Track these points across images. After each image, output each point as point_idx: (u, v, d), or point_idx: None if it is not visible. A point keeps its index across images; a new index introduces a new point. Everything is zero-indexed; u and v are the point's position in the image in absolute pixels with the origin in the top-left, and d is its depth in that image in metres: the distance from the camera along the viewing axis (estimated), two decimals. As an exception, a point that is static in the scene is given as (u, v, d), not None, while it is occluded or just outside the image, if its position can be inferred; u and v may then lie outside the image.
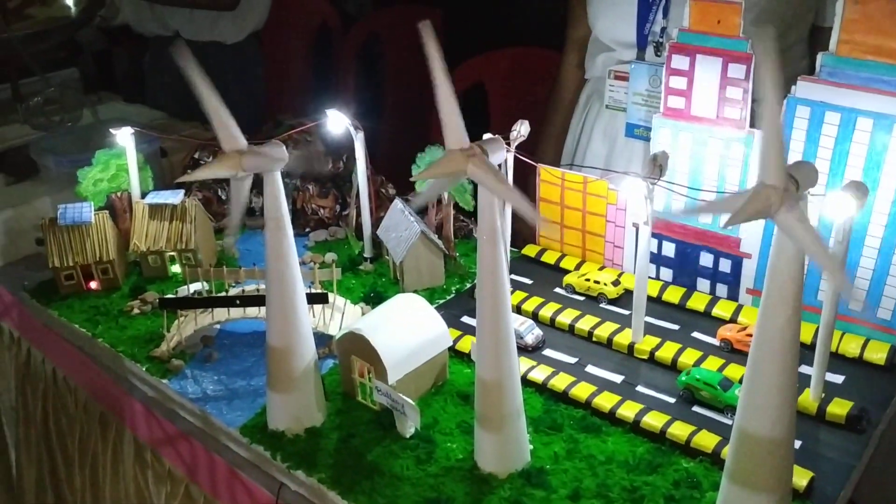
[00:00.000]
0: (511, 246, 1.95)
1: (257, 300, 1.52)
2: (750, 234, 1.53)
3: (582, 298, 1.67)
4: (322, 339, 1.53)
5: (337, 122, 1.73)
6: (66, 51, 2.64)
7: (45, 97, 2.14)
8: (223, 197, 2.06)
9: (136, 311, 1.71)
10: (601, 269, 1.74)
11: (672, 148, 1.57)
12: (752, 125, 1.48)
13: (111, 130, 1.78)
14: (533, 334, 1.52)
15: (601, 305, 1.64)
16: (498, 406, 1.19)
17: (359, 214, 1.91)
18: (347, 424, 1.36)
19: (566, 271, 1.75)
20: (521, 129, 1.54)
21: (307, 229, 2.01)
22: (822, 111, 1.39)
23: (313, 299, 1.53)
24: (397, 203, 1.80)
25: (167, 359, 1.54)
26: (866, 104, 1.34)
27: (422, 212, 1.87)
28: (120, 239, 1.84)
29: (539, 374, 1.41)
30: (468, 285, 1.76)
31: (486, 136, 1.19)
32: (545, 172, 1.75)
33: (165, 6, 2.83)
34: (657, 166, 1.39)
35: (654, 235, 1.66)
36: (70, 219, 1.75)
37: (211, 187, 2.05)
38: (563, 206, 1.77)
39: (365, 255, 1.87)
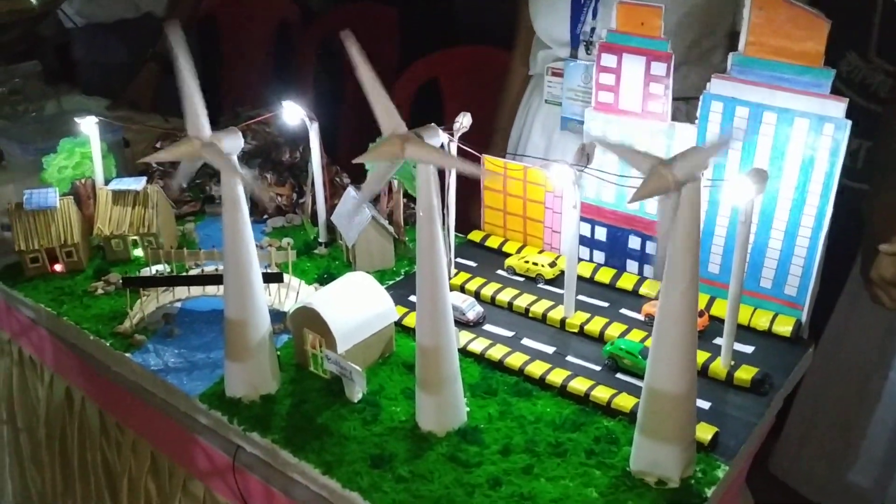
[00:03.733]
0: (457, 231, 2.08)
1: (217, 279, 1.62)
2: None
3: (521, 279, 1.80)
4: (278, 316, 1.63)
5: (292, 113, 1.84)
6: (26, 43, 2.70)
7: (9, 88, 2.22)
8: (184, 185, 2.15)
9: (99, 291, 1.79)
10: (540, 252, 1.87)
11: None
12: (673, 118, 1.62)
13: (76, 119, 1.86)
14: (474, 311, 1.65)
15: (539, 285, 1.77)
16: (436, 370, 1.31)
17: (314, 202, 2.01)
18: (300, 392, 1.47)
19: (508, 255, 1.88)
20: (464, 121, 1.66)
21: (265, 216, 2.11)
22: (734, 106, 1.53)
23: (269, 279, 1.64)
24: (350, 191, 1.91)
25: (130, 334, 1.64)
26: (771, 100, 1.48)
27: (374, 199, 1.99)
28: (84, 224, 1.92)
29: (478, 345, 1.54)
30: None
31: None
32: (489, 162, 1.88)
33: None
34: (585, 155, 1.53)
35: (587, 220, 1.79)
36: (35, 204, 1.83)
37: (171, 174, 2.14)
38: (506, 193, 1.90)
39: (320, 240, 1.98)
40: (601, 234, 1.80)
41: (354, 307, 1.48)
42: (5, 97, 2.23)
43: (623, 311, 1.67)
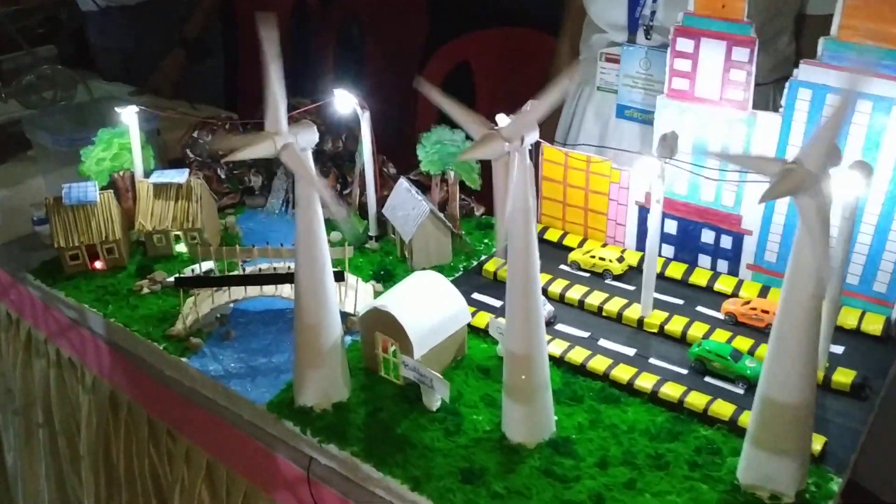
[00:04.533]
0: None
1: (276, 278, 1.54)
2: (751, 212, 1.60)
3: (587, 275, 1.72)
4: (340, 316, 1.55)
5: (344, 101, 1.74)
6: (46, 27, 2.59)
7: (37, 74, 2.11)
8: (222, 176, 2.06)
9: (145, 290, 1.71)
10: (604, 246, 1.79)
11: (676, 128, 1.62)
12: (755, 107, 1.53)
13: (116, 109, 1.77)
14: (546, 309, 1.57)
15: (606, 281, 1.69)
16: (527, 378, 1.23)
17: (362, 193, 1.93)
18: (373, 399, 1.39)
19: (569, 248, 1.80)
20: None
21: (309, 208, 2.03)
22: (824, 94, 1.45)
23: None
24: (403, 182, 1.83)
25: (185, 337, 1.55)
26: (866, 87, 1.40)
27: (425, 190, 1.90)
28: (124, 218, 1.83)
29: (556, 348, 1.46)
30: (475, 263, 1.80)
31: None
32: (548, 151, 1.80)
33: None
34: (668, 146, 1.44)
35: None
36: (75, 198, 1.74)
37: (211, 166, 2.05)
38: (566, 184, 1.81)
39: (370, 234, 1.89)
40: (671, 227, 1.72)
41: (428, 309, 1.40)
42: (32, 85, 2.13)
43: (700, 308, 1.59)
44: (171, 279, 1.72)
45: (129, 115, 1.78)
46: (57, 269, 1.79)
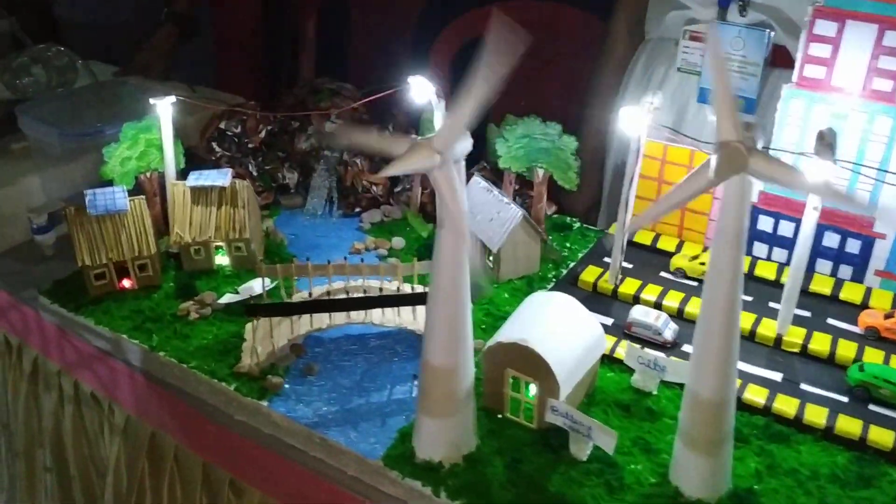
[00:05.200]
0: (593, 224, 1.81)
1: (382, 301, 1.31)
2: (887, 214, 1.44)
3: (695, 283, 1.54)
4: (408, 340, 1.35)
5: (421, 90, 1.51)
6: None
7: (31, 55, 1.79)
8: (254, 173, 1.79)
9: (192, 315, 1.45)
10: (705, 250, 1.62)
11: (803, 120, 1.45)
12: (901, 97, 1.38)
13: (150, 101, 1.48)
14: (670, 329, 1.39)
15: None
16: (715, 428, 1.05)
17: (426, 189, 1.71)
18: (507, 447, 1.18)
19: (665, 252, 1.62)
20: (655, 101, 1.38)
21: (357, 209, 1.78)
22: None
23: (412, 300, 1.34)
24: (479, 181, 1.61)
25: (257, 375, 1.31)
26: None
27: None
28: (154, 227, 1.56)
29: (700, 376, 1.28)
30: (563, 271, 1.60)
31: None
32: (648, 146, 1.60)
33: None
34: (827, 144, 1.27)
35: (770, 214, 1.55)
36: (102, 207, 1.46)
37: (241, 162, 1.78)
38: (661, 181, 1.63)
39: (438, 240, 1.67)
40: (787, 229, 1.55)
41: (569, 340, 1.20)
42: (25, 66, 1.80)
43: (831, 321, 1.43)
44: (223, 301, 1.47)
45: (164, 108, 1.50)
46: (77, 289, 1.51)
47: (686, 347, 1.38)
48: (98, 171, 1.53)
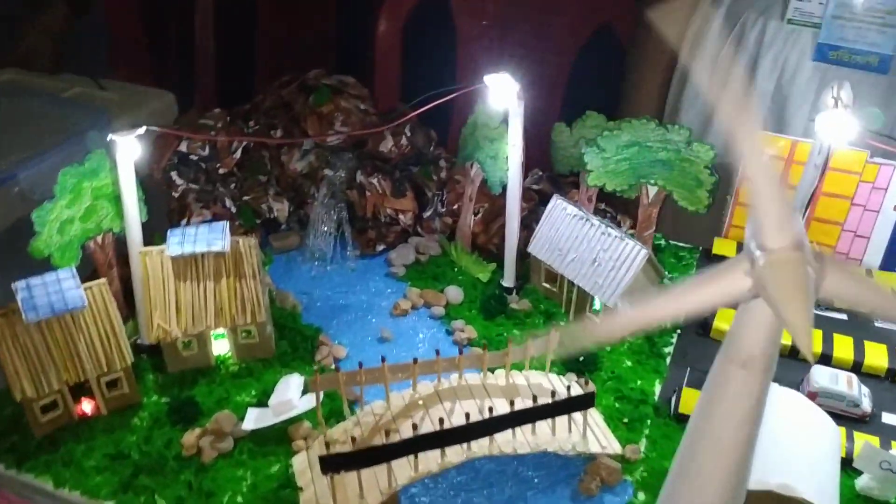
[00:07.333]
0: (683, 240, 1.44)
1: (486, 427, 0.89)
2: None
3: (844, 317, 1.22)
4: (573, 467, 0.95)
5: (502, 89, 1.07)
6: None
7: None
8: (232, 209, 1.30)
9: (207, 453, 0.97)
10: (841, 268, 1.29)
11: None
12: None
13: (111, 138, 0.96)
14: (868, 399, 1.05)
15: (878, 324, 1.20)
16: None
17: (468, 211, 1.28)
18: None
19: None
20: (842, 94, 1.01)
21: (381, 246, 1.33)
22: None
23: (572, 405, 0.94)
24: (565, 205, 1.20)
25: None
26: None
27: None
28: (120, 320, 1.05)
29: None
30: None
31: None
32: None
33: None
34: None
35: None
36: (45, 307, 0.94)
37: (214, 195, 1.28)
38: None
39: (505, 284, 1.25)
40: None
41: (826, 468, 0.84)
42: None
43: None
44: (248, 425, 0.99)
45: (126, 147, 0.97)
46: (15, 429, 1.00)
47: (888, 417, 1.05)
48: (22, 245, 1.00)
